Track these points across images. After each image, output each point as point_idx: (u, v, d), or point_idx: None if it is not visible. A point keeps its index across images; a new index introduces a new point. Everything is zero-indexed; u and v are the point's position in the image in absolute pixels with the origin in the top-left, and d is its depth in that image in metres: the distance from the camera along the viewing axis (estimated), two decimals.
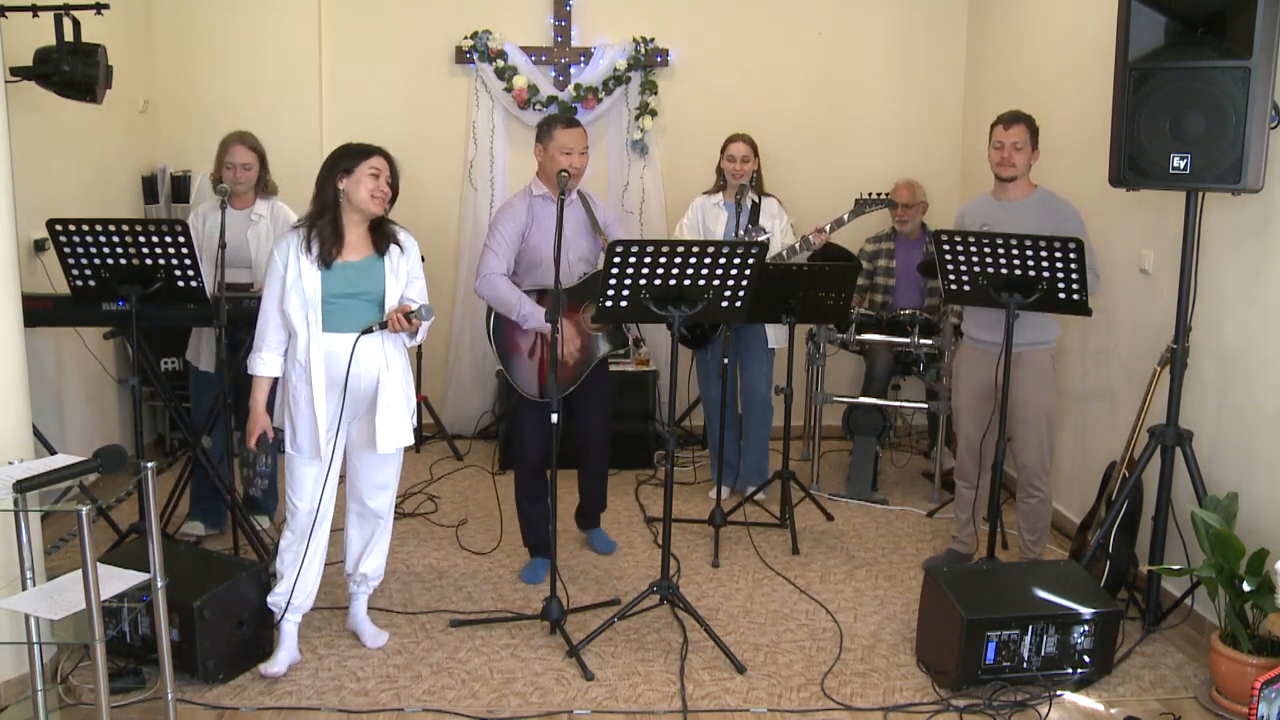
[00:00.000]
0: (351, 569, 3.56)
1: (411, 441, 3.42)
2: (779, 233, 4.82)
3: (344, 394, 3.24)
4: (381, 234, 3.35)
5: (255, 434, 3.34)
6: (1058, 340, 4.07)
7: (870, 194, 4.65)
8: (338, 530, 3.57)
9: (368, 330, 3.24)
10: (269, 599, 3.40)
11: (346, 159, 3.28)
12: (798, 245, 4.64)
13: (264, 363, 3.31)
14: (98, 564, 2.47)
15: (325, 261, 3.23)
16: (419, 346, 5.69)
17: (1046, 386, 3.99)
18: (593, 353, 4.09)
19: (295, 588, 3.35)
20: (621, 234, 4.06)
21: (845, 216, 4.58)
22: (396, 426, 3.34)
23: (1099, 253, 4.02)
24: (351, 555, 3.55)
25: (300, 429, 3.29)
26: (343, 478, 3.50)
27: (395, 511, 4.80)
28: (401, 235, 3.41)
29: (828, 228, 4.60)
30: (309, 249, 3.24)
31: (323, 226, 3.26)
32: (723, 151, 4.83)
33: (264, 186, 4.28)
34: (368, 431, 3.35)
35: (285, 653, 3.38)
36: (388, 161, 3.33)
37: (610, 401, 4.30)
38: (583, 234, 4.05)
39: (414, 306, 3.27)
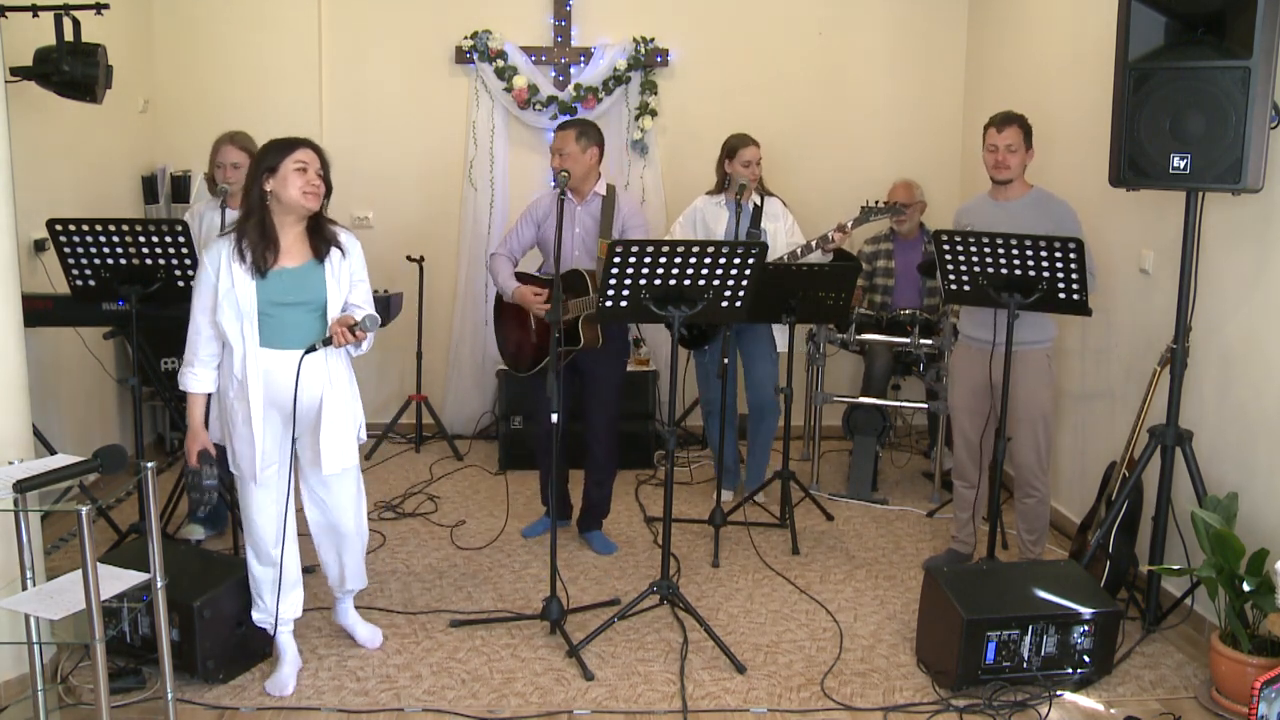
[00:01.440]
0: (336, 585, 3.47)
1: (356, 462, 3.28)
2: (783, 233, 4.80)
3: (294, 415, 3.07)
4: (320, 237, 3.13)
5: (194, 451, 3.14)
6: (1056, 340, 4.07)
7: (875, 202, 4.65)
8: (304, 534, 3.47)
9: (311, 349, 3.03)
10: (255, 618, 3.30)
11: (269, 156, 3.05)
12: (813, 244, 4.62)
13: (196, 378, 3.10)
14: (98, 564, 2.47)
15: (260, 270, 3.02)
16: (419, 347, 5.77)
17: (1043, 386, 3.99)
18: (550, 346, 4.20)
19: (280, 605, 3.26)
20: (639, 236, 4.09)
21: (849, 224, 4.58)
22: (342, 447, 3.18)
23: (1098, 253, 4.02)
24: (331, 576, 3.45)
25: (240, 449, 3.13)
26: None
27: (395, 511, 4.85)
28: (343, 236, 3.18)
29: (850, 224, 4.56)
30: (242, 257, 3.02)
31: (249, 231, 3.04)
32: (732, 156, 4.77)
33: None
34: (315, 450, 3.18)
35: (289, 665, 3.30)
36: (316, 152, 3.09)
37: (616, 404, 4.34)
38: (595, 233, 4.16)
39: (358, 318, 3.06)
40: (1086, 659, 3.32)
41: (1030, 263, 3.61)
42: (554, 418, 3.55)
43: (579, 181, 4.17)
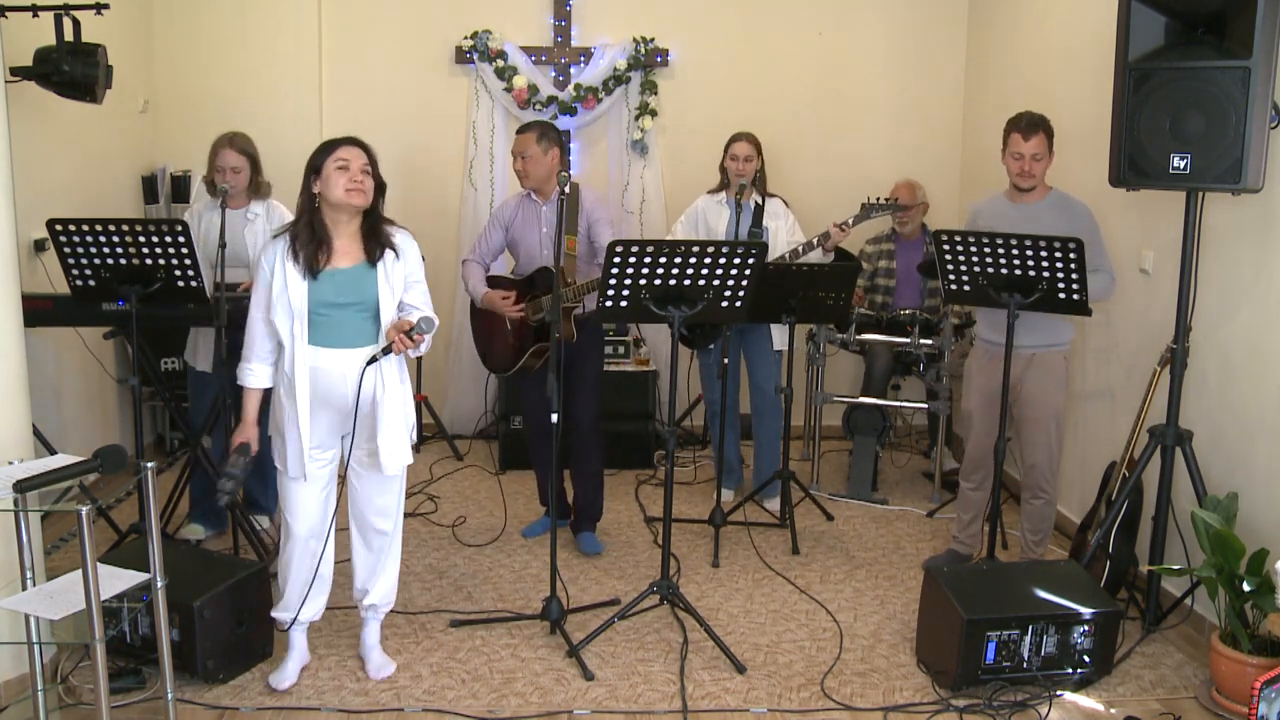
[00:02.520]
0: (359, 595, 3.38)
1: (411, 460, 3.28)
2: (784, 232, 4.81)
3: (355, 418, 3.09)
4: (375, 239, 3.14)
5: (237, 441, 3.17)
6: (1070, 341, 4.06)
7: (876, 198, 4.65)
8: (341, 529, 3.53)
9: (373, 360, 3.07)
10: (274, 613, 3.31)
11: (315, 158, 3.09)
12: (815, 241, 4.63)
13: (253, 374, 3.15)
14: (98, 564, 2.47)
15: (311, 270, 3.05)
16: None
17: (1058, 388, 3.99)
18: (528, 342, 4.25)
19: (306, 604, 3.26)
20: (607, 233, 4.11)
21: (851, 220, 4.59)
22: (398, 447, 3.19)
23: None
24: (358, 580, 3.36)
25: (287, 446, 3.15)
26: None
27: None
28: (398, 238, 3.19)
29: (850, 221, 4.57)
30: (295, 257, 3.05)
31: (300, 233, 3.07)
32: (726, 150, 4.82)
33: (256, 188, 4.24)
34: (368, 451, 3.21)
35: (296, 660, 3.31)
36: (362, 149, 3.11)
37: (596, 400, 4.34)
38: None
39: (413, 320, 3.06)
40: (1086, 659, 3.32)
41: (1030, 263, 3.60)
42: (554, 418, 3.55)
43: (541, 182, 4.21)
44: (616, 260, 3.36)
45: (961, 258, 3.73)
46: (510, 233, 4.32)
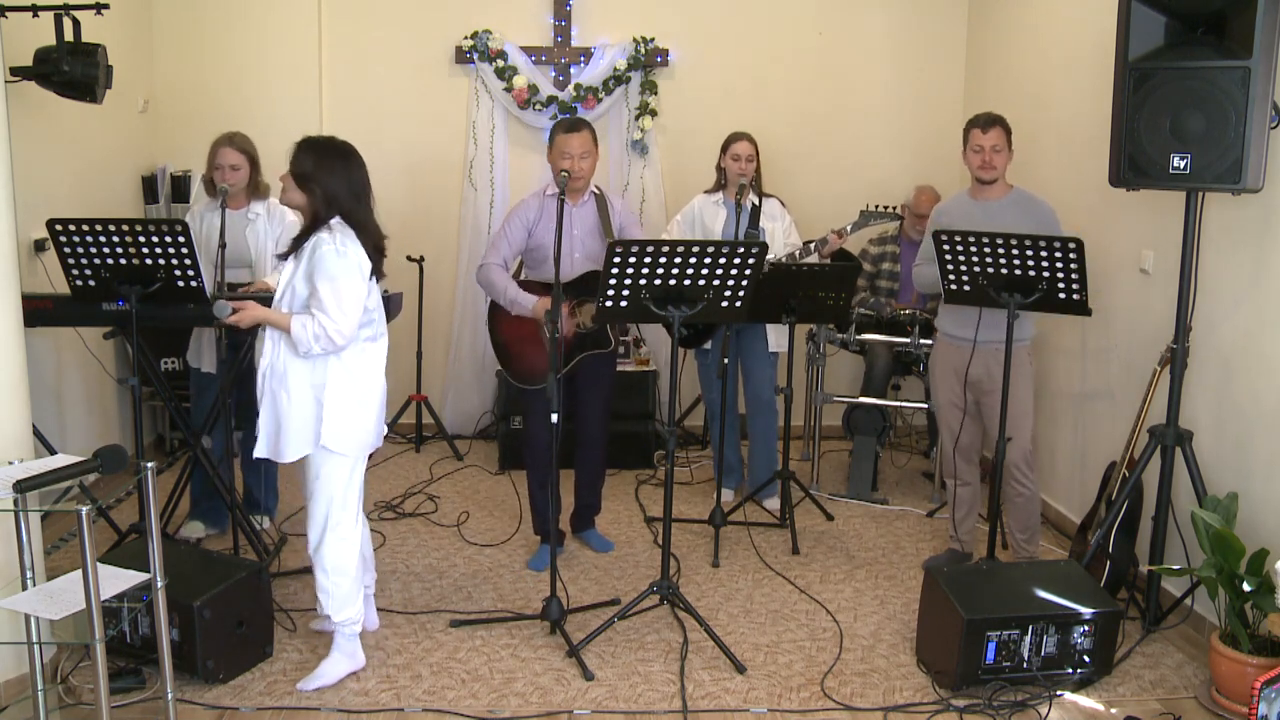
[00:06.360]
0: None
1: (283, 459, 3.21)
2: (781, 233, 4.81)
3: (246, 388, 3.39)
4: (296, 236, 3.25)
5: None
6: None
7: (876, 206, 4.64)
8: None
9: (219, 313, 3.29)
10: None
11: None
12: (813, 245, 4.63)
13: None
14: (98, 564, 2.47)
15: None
16: (419, 347, 5.77)
17: (1024, 382, 3.99)
18: (574, 349, 4.12)
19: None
20: (641, 236, 4.06)
21: (849, 227, 4.58)
22: (265, 435, 3.21)
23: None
24: None
25: None
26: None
27: (395, 511, 4.85)
28: (309, 242, 3.17)
29: (848, 228, 4.58)
30: None
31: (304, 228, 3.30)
32: (725, 150, 4.80)
33: (255, 188, 4.24)
34: None
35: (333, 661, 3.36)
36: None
37: (610, 403, 4.31)
38: (594, 235, 4.11)
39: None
40: (1086, 659, 3.32)
41: (1030, 263, 3.61)
42: (554, 417, 3.54)
43: (584, 183, 4.07)
44: (616, 260, 3.35)
45: (961, 258, 3.73)
46: (534, 235, 4.08)
